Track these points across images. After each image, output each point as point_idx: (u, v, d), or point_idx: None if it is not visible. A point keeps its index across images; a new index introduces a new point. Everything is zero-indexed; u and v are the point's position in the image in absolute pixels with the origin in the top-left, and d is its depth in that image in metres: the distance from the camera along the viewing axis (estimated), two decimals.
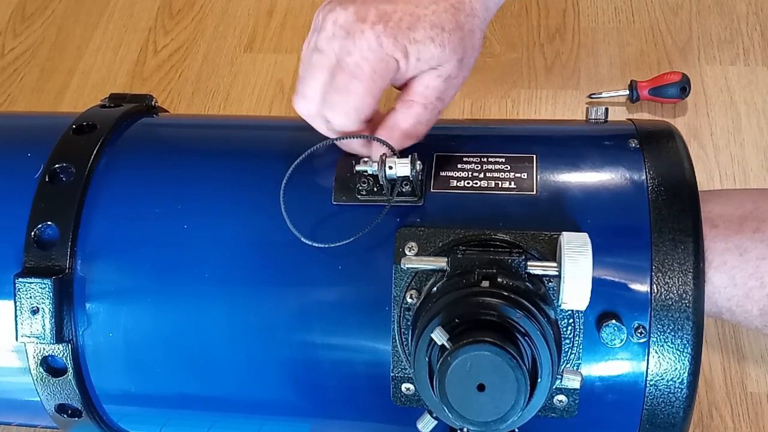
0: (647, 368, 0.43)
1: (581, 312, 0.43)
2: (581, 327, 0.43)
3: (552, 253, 0.42)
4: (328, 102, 0.44)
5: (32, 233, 0.47)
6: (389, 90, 0.49)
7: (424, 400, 0.40)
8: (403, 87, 0.46)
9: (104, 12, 1.09)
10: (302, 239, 0.44)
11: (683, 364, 0.42)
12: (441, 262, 0.41)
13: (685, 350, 0.42)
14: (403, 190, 0.45)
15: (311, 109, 0.46)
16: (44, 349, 0.47)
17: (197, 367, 0.47)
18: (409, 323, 0.44)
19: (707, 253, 0.45)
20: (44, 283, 0.46)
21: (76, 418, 0.50)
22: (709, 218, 0.47)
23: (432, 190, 0.47)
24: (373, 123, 0.47)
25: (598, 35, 0.96)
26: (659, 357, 0.42)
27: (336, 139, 0.46)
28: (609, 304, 0.43)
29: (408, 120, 0.45)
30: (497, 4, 0.47)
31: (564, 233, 0.40)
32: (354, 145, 0.47)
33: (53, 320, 0.46)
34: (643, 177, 0.46)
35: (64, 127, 0.52)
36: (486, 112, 0.91)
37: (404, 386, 0.45)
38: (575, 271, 0.38)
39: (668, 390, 0.43)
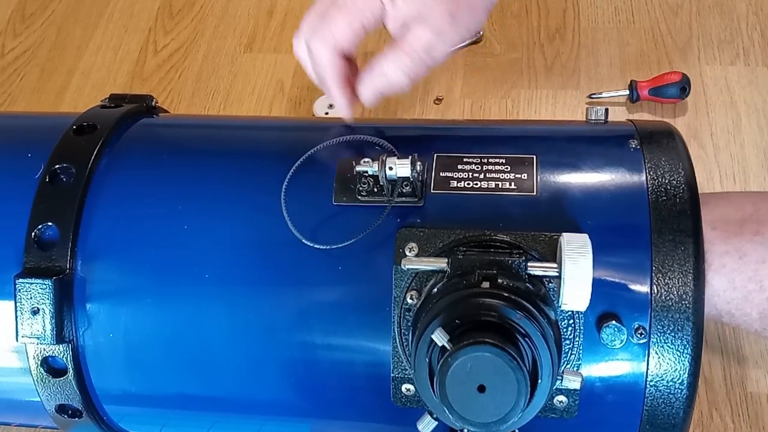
0: (647, 369, 0.43)
1: (581, 313, 0.43)
2: (581, 328, 0.43)
3: (552, 254, 0.43)
4: (315, 31, 0.47)
5: (32, 234, 0.47)
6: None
7: (424, 401, 0.40)
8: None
9: (104, 12, 1.09)
10: (303, 240, 0.45)
11: (683, 364, 0.42)
12: (441, 263, 0.41)
13: (685, 351, 0.42)
14: (404, 190, 0.45)
15: (301, 45, 0.50)
16: (44, 349, 0.47)
17: (197, 367, 0.48)
18: (409, 324, 0.44)
19: (706, 256, 0.45)
20: (44, 284, 0.46)
21: (77, 419, 0.50)
22: (708, 221, 0.46)
23: (432, 191, 0.47)
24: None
25: (598, 35, 0.96)
26: (659, 358, 0.42)
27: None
28: (609, 305, 0.43)
29: (391, 65, 0.47)
30: None
31: (564, 234, 0.40)
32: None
33: (53, 321, 0.46)
34: (644, 178, 0.46)
35: (64, 128, 0.52)
36: (486, 112, 0.91)
37: (404, 387, 0.45)
38: (575, 272, 0.38)
39: (668, 390, 0.43)
